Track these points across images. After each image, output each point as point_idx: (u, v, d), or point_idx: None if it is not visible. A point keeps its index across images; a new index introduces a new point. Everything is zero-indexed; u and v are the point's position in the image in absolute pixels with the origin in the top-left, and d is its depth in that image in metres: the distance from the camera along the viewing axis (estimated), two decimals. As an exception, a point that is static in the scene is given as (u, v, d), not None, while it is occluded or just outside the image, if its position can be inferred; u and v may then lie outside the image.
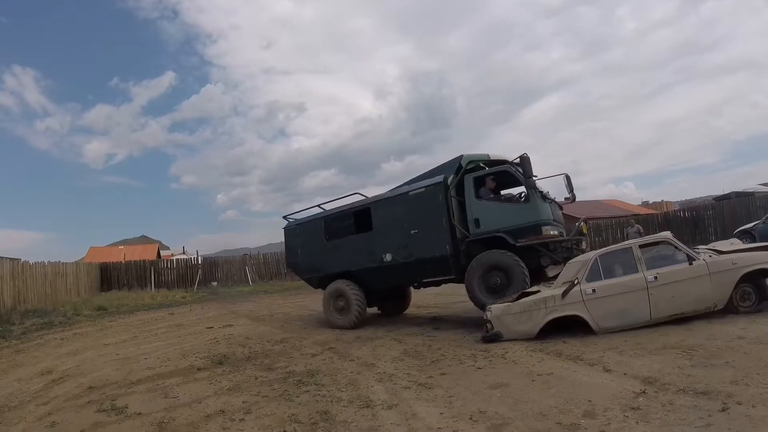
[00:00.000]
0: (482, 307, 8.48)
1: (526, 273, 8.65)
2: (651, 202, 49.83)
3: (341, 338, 9.29)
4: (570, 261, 8.08)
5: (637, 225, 18.75)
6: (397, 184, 10.90)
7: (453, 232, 9.30)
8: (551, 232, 8.99)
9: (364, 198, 10.99)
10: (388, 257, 9.95)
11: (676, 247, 7.46)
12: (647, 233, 15.99)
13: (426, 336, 8.85)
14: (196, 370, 7.35)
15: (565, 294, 7.47)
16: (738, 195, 24.05)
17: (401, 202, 9.95)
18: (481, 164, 9.66)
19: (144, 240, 66.23)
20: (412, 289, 11.73)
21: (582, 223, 10.52)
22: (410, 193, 9.87)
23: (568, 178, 9.62)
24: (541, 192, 9.26)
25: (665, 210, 35.69)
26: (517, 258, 8.71)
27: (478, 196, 9.38)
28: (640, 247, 7.51)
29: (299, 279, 26.20)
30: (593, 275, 7.49)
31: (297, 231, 11.89)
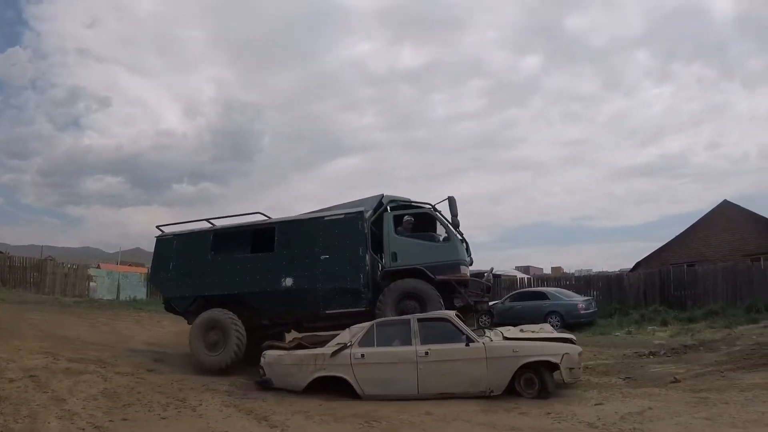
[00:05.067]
0: None
1: (442, 302, 8.61)
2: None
3: (50, 367, 8.50)
4: (353, 326, 7.95)
5: None
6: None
7: (368, 262, 9.12)
8: (468, 273, 9.28)
9: (266, 218, 10.15)
10: (289, 282, 9.19)
11: (455, 326, 7.38)
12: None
13: (136, 377, 8.53)
14: None
15: (334, 354, 7.37)
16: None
17: (313, 227, 9.51)
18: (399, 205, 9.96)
19: None
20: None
21: (490, 273, 11.23)
22: (325, 218, 9.52)
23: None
24: (461, 235, 9.56)
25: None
26: (434, 287, 8.73)
27: (397, 233, 9.40)
28: (420, 320, 7.48)
29: (48, 294, 24.19)
30: (367, 341, 7.42)
31: (173, 243, 10.38)
